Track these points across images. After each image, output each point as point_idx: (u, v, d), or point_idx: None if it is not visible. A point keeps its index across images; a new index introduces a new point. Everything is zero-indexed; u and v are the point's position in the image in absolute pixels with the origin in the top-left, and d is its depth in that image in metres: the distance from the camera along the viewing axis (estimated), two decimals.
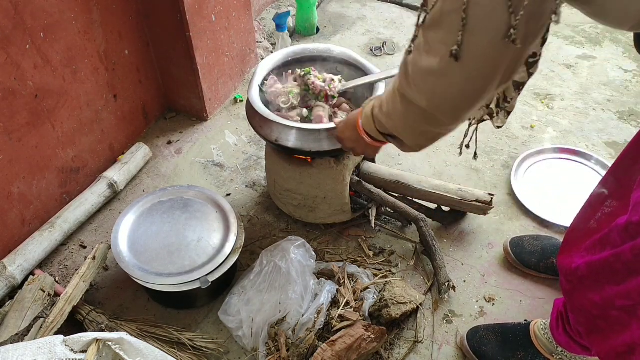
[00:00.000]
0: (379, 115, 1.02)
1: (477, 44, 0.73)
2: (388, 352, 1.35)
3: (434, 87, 0.82)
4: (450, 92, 0.81)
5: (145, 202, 1.47)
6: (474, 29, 0.71)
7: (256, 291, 1.39)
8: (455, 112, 0.85)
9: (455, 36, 0.72)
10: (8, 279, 1.40)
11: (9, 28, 1.30)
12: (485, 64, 0.75)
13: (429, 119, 0.88)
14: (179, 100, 2.00)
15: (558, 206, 1.67)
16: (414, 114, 0.89)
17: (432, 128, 0.92)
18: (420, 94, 0.84)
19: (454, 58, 0.74)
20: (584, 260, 0.96)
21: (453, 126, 0.91)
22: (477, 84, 0.78)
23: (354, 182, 1.55)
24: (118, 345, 0.96)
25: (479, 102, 0.82)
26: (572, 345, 1.15)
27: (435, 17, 0.75)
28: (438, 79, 0.80)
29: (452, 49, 0.73)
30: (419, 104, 0.86)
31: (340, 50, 1.57)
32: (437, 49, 0.76)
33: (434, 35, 0.76)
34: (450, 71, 0.77)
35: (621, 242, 0.87)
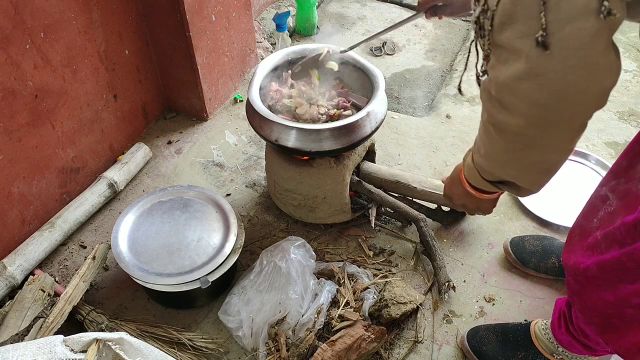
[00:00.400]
0: (480, 160, 0.87)
1: (566, 21, 0.60)
2: (388, 352, 1.35)
3: (527, 95, 0.67)
4: (549, 94, 0.66)
5: (145, 202, 1.47)
6: (559, 4, 0.60)
7: (256, 291, 1.39)
8: (562, 122, 0.70)
9: (537, 21, 0.61)
10: (8, 279, 1.40)
11: (9, 28, 1.30)
12: (582, 45, 0.61)
13: (534, 143, 0.74)
14: (179, 100, 2.00)
15: (558, 206, 1.67)
16: (515, 142, 0.75)
17: (541, 154, 0.77)
18: (514, 113, 0.71)
19: (541, 47, 0.62)
20: (593, 260, 0.96)
21: (566, 145, 0.75)
22: (579, 75, 0.63)
23: (354, 182, 1.55)
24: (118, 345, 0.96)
25: (590, 103, 0.67)
26: (574, 345, 1.15)
27: (506, 12, 0.64)
28: (529, 82, 0.66)
29: (537, 36, 0.61)
30: (516, 127, 0.72)
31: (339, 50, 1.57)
32: (518, 47, 0.65)
33: (510, 33, 0.65)
34: (541, 66, 0.63)
35: (630, 240, 0.87)
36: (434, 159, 1.87)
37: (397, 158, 1.87)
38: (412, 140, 1.94)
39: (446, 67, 2.30)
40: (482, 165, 0.87)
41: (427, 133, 1.96)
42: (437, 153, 1.89)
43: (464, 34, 2.46)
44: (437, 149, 1.90)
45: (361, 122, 1.37)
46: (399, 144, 1.92)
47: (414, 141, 1.93)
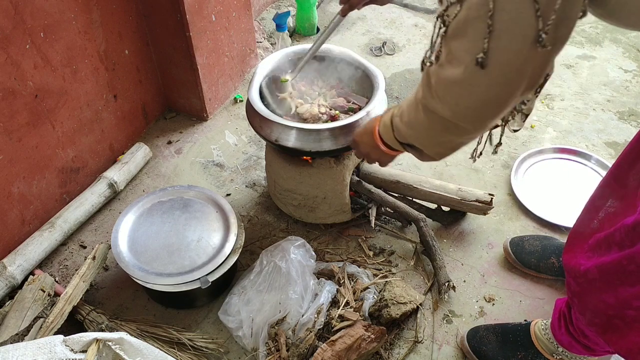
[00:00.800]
0: (399, 124, 0.99)
1: (504, 50, 0.71)
2: (388, 352, 1.35)
3: (459, 97, 0.80)
4: (475, 101, 0.79)
5: (145, 202, 1.47)
6: (501, 35, 0.70)
7: (256, 291, 1.39)
8: (479, 120, 0.84)
9: (480, 44, 0.71)
10: (8, 279, 1.40)
11: (9, 28, 1.30)
12: (512, 70, 0.73)
13: (452, 129, 0.87)
14: (179, 100, 2.00)
15: (558, 206, 1.67)
16: (437, 124, 0.88)
17: (454, 137, 0.90)
18: (444, 105, 0.83)
19: (479, 66, 0.73)
20: (593, 263, 0.96)
21: (476, 134, 0.90)
22: (503, 91, 0.77)
23: (354, 182, 1.55)
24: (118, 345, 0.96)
25: (504, 109, 0.81)
26: (574, 345, 1.15)
27: (459, 26, 0.74)
28: (463, 88, 0.78)
29: (478, 57, 0.72)
30: (442, 115, 0.85)
31: (340, 50, 1.57)
32: (461, 58, 0.75)
33: (458, 44, 0.75)
34: (475, 80, 0.76)
35: (630, 242, 0.87)
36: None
37: (397, 158, 1.87)
38: None
39: None
40: (400, 129, 1.00)
41: None
42: None
43: None
44: None
45: (361, 122, 1.36)
46: None
47: None
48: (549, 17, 0.67)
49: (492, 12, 0.68)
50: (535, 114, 2.04)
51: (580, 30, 2.47)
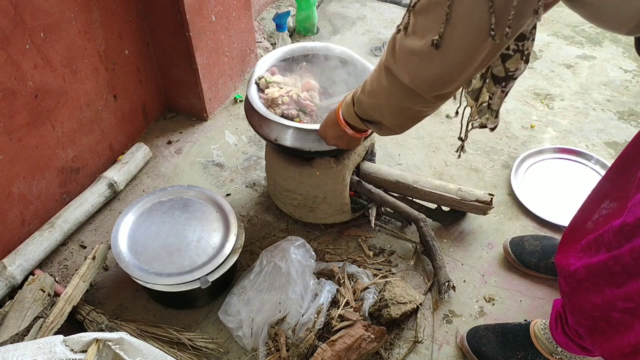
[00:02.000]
0: (361, 96, 1.06)
1: (457, 37, 0.78)
2: (388, 352, 1.35)
3: (417, 67, 0.87)
4: (430, 74, 0.87)
5: (145, 202, 1.47)
6: (456, 24, 0.77)
7: (256, 291, 1.39)
8: (433, 91, 0.91)
9: (438, 27, 0.78)
10: (8, 279, 1.40)
11: (9, 28, 1.30)
12: (463, 54, 0.81)
13: (411, 96, 0.93)
14: (179, 100, 2.00)
15: (558, 206, 1.67)
16: (397, 90, 0.94)
17: (413, 105, 0.96)
18: (404, 71, 0.90)
19: (434, 47, 0.80)
20: (582, 263, 0.96)
21: (433, 104, 0.96)
22: (454, 70, 0.85)
23: (354, 182, 1.55)
24: (118, 345, 0.96)
25: (456, 84, 0.89)
26: (570, 346, 1.15)
27: (424, 5, 0.81)
28: (420, 60, 0.86)
29: (434, 39, 0.79)
30: (402, 80, 0.91)
31: (340, 49, 1.57)
32: (422, 33, 0.82)
33: (422, 20, 0.82)
34: (430, 56, 0.83)
35: (617, 243, 0.87)
36: (434, 159, 1.87)
37: (397, 158, 1.87)
38: (412, 140, 1.94)
39: None
40: (361, 101, 1.06)
41: (427, 133, 1.96)
42: (437, 153, 1.89)
43: None
44: (437, 149, 1.90)
45: None
46: (399, 144, 1.92)
47: (414, 141, 1.93)
48: (503, 15, 0.73)
49: (451, 2, 0.75)
50: (535, 114, 2.05)
51: (580, 30, 2.47)
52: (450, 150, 1.89)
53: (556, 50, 2.36)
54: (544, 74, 2.24)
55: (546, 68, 2.26)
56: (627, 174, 1.01)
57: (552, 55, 2.33)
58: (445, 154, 1.88)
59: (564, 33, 2.45)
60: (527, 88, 2.16)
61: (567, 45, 2.39)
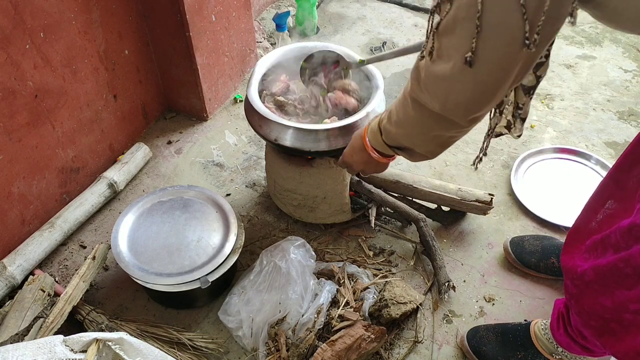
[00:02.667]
0: (387, 126, 1.01)
1: (491, 50, 0.73)
2: (388, 352, 1.35)
3: (447, 91, 0.82)
4: (463, 97, 0.81)
5: (145, 202, 1.47)
6: (488, 36, 0.72)
7: (256, 291, 1.39)
8: (468, 114, 0.86)
9: (469, 43, 0.73)
10: (8, 279, 1.40)
11: (9, 28, 1.30)
12: (499, 68, 0.76)
13: (442, 123, 0.88)
14: (179, 100, 2.00)
15: (558, 206, 1.67)
16: (427, 119, 0.89)
17: (444, 132, 0.92)
18: (433, 98, 0.85)
19: (467, 64, 0.75)
20: (589, 265, 0.96)
21: (466, 129, 0.91)
22: (490, 88, 0.79)
23: (354, 182, 1.55)
24: (118, 345, 0.96)
25: (491, 104, 0.84)
26: (572, 346, 1.15)
27: (449, 24, 0.75)
28: (451, 84, 0.80)
29: (467, 56, 0.74)
30: (431, 108, 0.86)
31: (340, 49, 1.56)
32: (451, 54, 0.77)
33: (447, 41, 0.77)
34: (463, 76, 0.78)
35: (625, 244, 0.86)
36: (434, 159, 1.86)
37: (397, 158, 1.87)
38: None
39: None
40: (389, 130, 1.01)
41: None
42: None
43: None
44: None
45: (360, 122, 1.36)
46: None
47: None
48: (536, 20, 0.69)
49: (480, 14, 0.70)
50: (535, 114, 2.04)
51: (580, 30, 2.47)
52: (451, 150, 1.88)
53: (556, 50, 2.36)
54: None
55: None
56: (631, 174, 1.01)
57: (552, 55, 2.30)
58: (445, 153, 1.86)
59: (564, 33, 2.45)
60: None
61: (567, 45, 2.39)
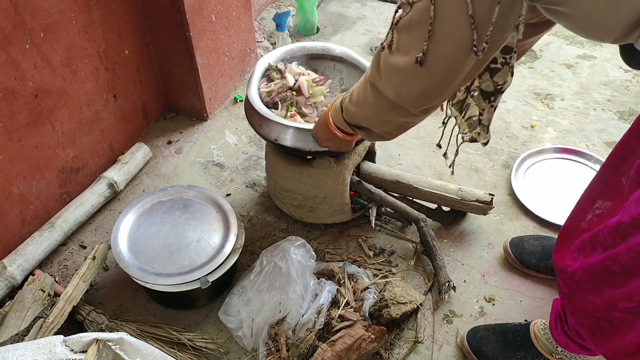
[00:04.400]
0: (349, 105, 1.08)
1: (441, 53, 0.80)
2: (388, 352, 1.35)
3: (402, 83, 0.89)
4: (416, 90, 0.89)
5: (145, 202, 1.47)
6: (438, 40, 0.79)
7: (256, 291, 1.39)
8: (419, 106, 0.94)
9: (421, 44, 0.80)
10: (8, 279, 1.40)
11: (9, 28, 1.30)
12: (447, 70, 0.83)
13: (397, 110, 0.96)
14: (179, 100, 2.00)
15: (558, 206, 1.67)
16: (383, 104, 0.97)
17: (399, 117, 0.99)
18: (389, 87, 0.92)
19: (418, 64, 0.82)
20: (579, 265, 0.96)
21: (419, 118, 0.99)
22: (439, 85, 0.87)
23: (354, 182, 1.55)
24: (118, 345, 0.96)
25: (441, 99, 0.93)
26: (570, 345, 1.15)
27: (406, 24, 0.83)
28: (404, 77, 0.88)
29: (417, 56, 0.81)
30: (387, 95, 0.94)
31: (340, 49, 1.57)
32: (406, 50, 0.84)
33: (405, 38, 0.84)
34: (415, 73, 0.85)
35: (612, 242, 0.86)
36: (434, 159, 1.87)
37: (397, 158, 1.87)
38: (412, 140, 1.94)
39: None
40: (349, 109, 1.08)
41: (427, 133, 1.96)
42: (437, 153, 1.89)
43: None
44: (437, 149, 1.90)
45: None
46: (399, 144, 1.92)
47: (414, 141, 1.93)
48: (484, 30, 0.75)
49: (433, 20, 0.77)
50: (535, 114, 2.04)
51: None
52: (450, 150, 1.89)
53: (556, 50, 2.36)
54: (544, 73, 2.24)
55: (546, 68, 2.26)
56: (619, 172, 1.01)
57: (553, 55, 2.33)
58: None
59: (564, 33, 2.45)
60: (528, 88, 2.16)
61: (567, 45, 2.39)
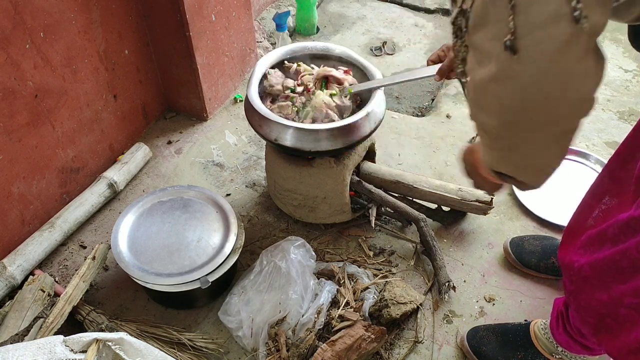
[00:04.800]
0: (481, 153, 0.85)
1: (535, 25, 0.58)
2: (388, 352, 1.35)
3: (498, 97, 0.65)
4: (520, 98, 0.63)
5: (145, 202, 1.47)
6: (527, 9, 0.57)
7: (256, 291, 1.39)
8: (537, 125, 0.66)
9: (505, 25, 0.59)
10: (8, 279, 1.40)
11: (8, 28, 1.30)
12: (551, 52, 0.58)
13: (512, 144, 0.72)
14: (179, 100, 2.00)
15: (558, 206, 1.67)
16: (496, 142, 0.74)
17: (523, 156, 0.74)
18: (489, 113, 0.69)
19: (510, 50, 0.59)
20: (586, 260, 0.96)
21: (550, 148, 0.73)
22: (549, 79, 0.60)
23: (354, 182, 1.55)
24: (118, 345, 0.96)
25: (566, 107, 0.64)
26: (572, 345, 1.15)
27: (478, 14, 0.63)
28: (500, 85, 0.64)
29: (505, 40, 0.59)
30: (492, 126, 0.70)
31: (340, 49, 1.57)
32: (490, 49, 0.63)
33: (482, 35, 0.64)
34: (511, 70, 0.61)
35: (624, 237, 0.86)
36: (434, 159, 1.87)
37: (397, 158, 1.87)
38: (412, 140, 1.94)
39: None
40: (483, 157, 0.84)
41: (427, 133, 1.96)
42: (437, 153, 1.89)
43: None
44: (437, 149, 1.90)
45: (360, 122, 1.37)
46: (399, 144, 1.92)
47: (414, 141, 1.93)
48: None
49: None
50: None
51: None
52: (451, 150, 1.89)
53: None
54: None
55: None
56: (626, 169, 1.01)
57: None
58: (446, 154, 1.88)
59: None
60: None
61: None
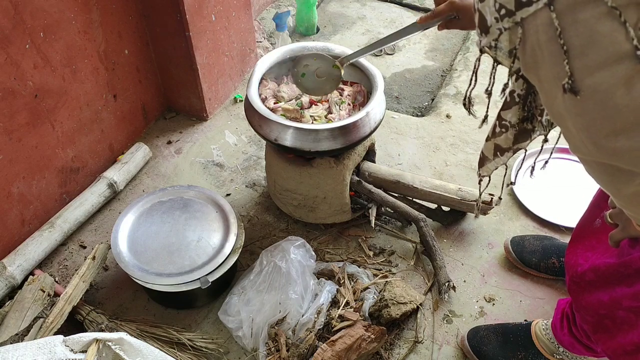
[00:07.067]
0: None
1: (594, 67, 0.56)
2: (388, 352, 1.35)
3: (579, 129, 0.62)
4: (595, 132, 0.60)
5: (145, 202, 1.47)
6: (584, 51, 0.56)
7: (256, 291, 1.39)
8: (623, 152, 0.60)
9: (562, 68, 0.58)
10: (8, 279, 1.40)
11: (8, 28, 1.30)
12: (615, 88, 0.56)
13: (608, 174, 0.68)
14: (179, 100, 2.00)
15: (558, 206, 1.67)
16: (595, 169, 0.71)
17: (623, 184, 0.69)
18: (581, 137, 0.63)
19: (570, 93, 0.58)
20: (589, 266, 0.96)
21: None
22: (621, 117, 0.57)
23: (354, 182, 1.55)
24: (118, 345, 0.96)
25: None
26: (576, 346, 1.15)
27: (528, 61, 0.63)
28: (574, 121, 0.62)
29: (563, 84, 0.58)
30: (585, 154, 0.67)
31: (340, 49, 1.56)
32: (549, 89, 0.62)
33: (542, 74, 0.63)
34: (578, 108, 0.60)
35: (629, 247, 0.87)
36: (434, 159, 1.87)
37: (397, 158, 1.87)
38: (412, 140, 1.93)
39: (446, 67, 2.30)
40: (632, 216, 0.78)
41: (427, 133, 1.96)
42: (437, 153, 1.89)
43: (464, 34, 2.46)
44: (437, 149, 1.90)
45: (360, 122, 1.37)
46: (399, 144, 1.92)
47: (414, 141, 1.93)
48: None
49: (560, 31, 0.56)
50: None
51: None
52: (450, 150, 1.89)
53: None
54: None
55: None
56: None
57: None
58: (445, 153, 1.88)
59: None
60: None
61: None
